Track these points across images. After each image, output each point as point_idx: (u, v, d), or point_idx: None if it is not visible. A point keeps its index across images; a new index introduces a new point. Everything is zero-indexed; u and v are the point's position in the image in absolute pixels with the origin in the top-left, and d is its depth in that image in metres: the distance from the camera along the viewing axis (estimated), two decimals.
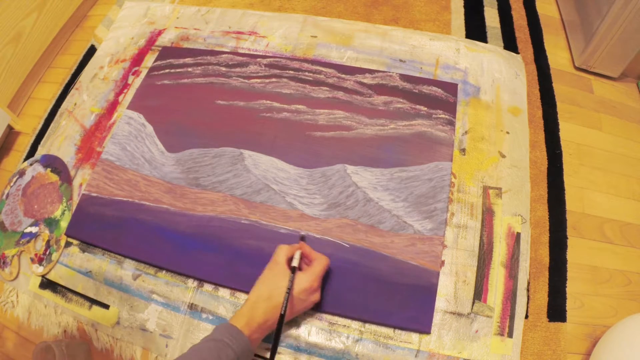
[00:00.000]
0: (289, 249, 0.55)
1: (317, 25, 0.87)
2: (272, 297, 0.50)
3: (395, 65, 0.80)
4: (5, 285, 0.69)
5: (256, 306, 0.50)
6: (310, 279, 0.52)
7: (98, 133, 0.79)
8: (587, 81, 0.84)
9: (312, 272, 0.53)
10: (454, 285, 0.60)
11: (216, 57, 0.83)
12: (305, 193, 0.67)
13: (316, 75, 0.78)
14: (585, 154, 0.75)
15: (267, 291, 0.51)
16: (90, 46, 0.95)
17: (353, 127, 0.72)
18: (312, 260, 0.55)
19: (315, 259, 0.55)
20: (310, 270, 0.53)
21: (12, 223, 0.72)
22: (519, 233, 0.63)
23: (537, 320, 0.60)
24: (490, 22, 0.89)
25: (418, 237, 0.62)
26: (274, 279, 0.52)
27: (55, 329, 0.65)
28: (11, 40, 0.86)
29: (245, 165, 0.71)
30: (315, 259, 0.55)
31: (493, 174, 0.68)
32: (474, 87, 0.76)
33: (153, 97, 0.80)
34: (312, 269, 0.54)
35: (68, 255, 0.68)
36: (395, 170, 0.68)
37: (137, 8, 0.96)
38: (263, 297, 0.51)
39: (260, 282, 0.53)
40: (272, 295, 0.50)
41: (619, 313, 0.62)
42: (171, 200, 0.69)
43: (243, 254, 0.63)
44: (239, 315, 0.50)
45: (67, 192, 0.73)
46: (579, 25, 0.85)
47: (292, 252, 0.55)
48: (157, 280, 0.64)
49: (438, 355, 0.56)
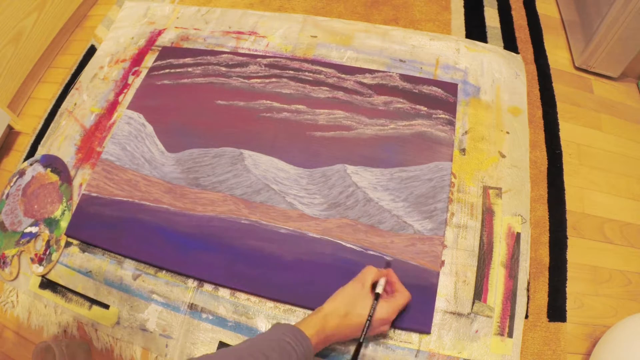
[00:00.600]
0: (376, 274, 0.54)
1: (317, 25, 0.87)
2: (348, 315, 0.50)
3: (395, 65, 0.80)
4: (5, 285, 0.69)
5: (329, 319, 0.49)
6: (389, 311, 0.51)
7: (98, 133, 0.79)
8: (587, 81, 0.84)
9: (394, 305, 0.52)
10: (454, 285, 0.60)
11: (216, 57, 0.83)
12: (305, 193, 0.67)
13: (316, 75, 0.78)
14: (585, 154, 0.75)
15: (345, 308, 0.50)
16: (90, 46, 0.95)
17: (353, 127, 0.72)
18: (395, 291, 0.54)
19: (399, 292, 0.54)
20: (393, 303, 0.52)
21: (12, 223, 0.72)
22: (519, 233, 0.63)
23: (537, 320, 0.60)
24: (490, 22, 0.89)
25: (418, 237, 0.62)
26: (355, 299, 0.51)
27: (55, 329, 0.65)
28: (11, 40, 0.86)
29: (245, 165, 0.71)
30: (399, 292, 0.54)
31: (493, 174, 0.68)
32: (474, 87, 0.76)
33: (153, 97, 0.80)
34: (394, 302, 0.52)
35: (68, 255, 0.68)
36: (395, 170, 0.68)
37: (137, 8, 0.96)
38: (339, 312, 0.50)
39: (340, 296, 0.52)
40: (349, 314, 0.50)
41: (619, 313, 0.62)
42: (171, 200, 0.69)
43: (243, 254, 0.63)
44: (309, 322, 0.49)
45: (67, 192, 0.73)
46: (579, 25, 0.85)
47: (378, 277, 0.54)
48: (157, 280, 0.64)
49: (438, 355, 0.56)
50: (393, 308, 0.52)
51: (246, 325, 0.60)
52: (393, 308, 0.52)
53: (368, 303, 0.51)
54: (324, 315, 0.50)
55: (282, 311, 0.60)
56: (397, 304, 0.52)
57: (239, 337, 0.59)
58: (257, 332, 0.59)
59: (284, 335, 0.46)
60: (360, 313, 0.50)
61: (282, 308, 0.61)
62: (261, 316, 0.60)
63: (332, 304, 0.51)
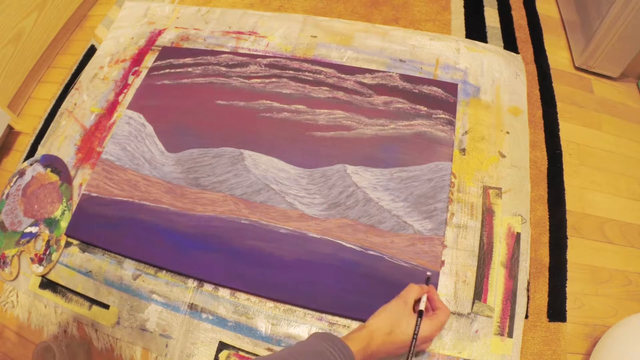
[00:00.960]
0: (419, 291, 0.54)
1: (317, 25, 0.87)
2: (392, 333, 0.50)
3: (395, 65, 0.80)
4: (5, 285, 0.69)
5: (375, 335, 0.49)
6: (431, 329, 0.51)
7: (98, 133, 0.79)
8: (587, 81, 0.84)
9: (436, 323, 0.52)
10: (454, 285, 0.60)
11: (216, 57, 0.83)
12: (305, 193, 0.67)
13: (316, 75, 0.78)
14: (585, 154, 0.75)
15: (389, 326, 0.50)
16: (90, 46, 0.95)
17: (353, 127, 0.72)
18: (436, 308, 0.54)
19: (440, 309, 0.53)
20: (435, 320, 0.52)
21: (12, 223, 0.72)
22: (519, 233, 0.63)
23: (537, 320, 0.60)
24: (490, 22, 0.89)
25: (418, 237, 0.62)
26: (399, 316, 0.51)
27: (55, 329, 0.65)
28: (11, 40, 0.86)
29: (245, 165, 0.71)
30: (440, 309, 0.53)
31: (493, 174, 0.68)
32: (474, 87, 0.76)
33: (153, 97, 0.80)
34: (436, 319, 0.52)
35: (68, 255, 0.68)
36: (395, 170, 0.68)
37: (137, 8, 0.96)
38: (384, 330, 0.50)
39: (385, 314, 0.52)
40: (393, 332, 0.50)
41: (619, 313, 0.62)
42: (171, 200, 0.69)
43: (243, 254, 0.63)
44: (356, 339, 0.48)
45: (67, 192, 0.73)
46: (579, 25, 0.85)
47: (421, 294, 0.54)
48: (157, 280, 0.64)
49: (438, 355, 0.56)
50: (435, 326, 0.52)
51: (246, 325, 0.60)
52: (435, 326, 0.52)
53: (412, 321, 0.50)
54: (369, 332, 0.50)
55: (282, 311, 0.60)
56: (439, 321, 0.52)
57: (239, 337, 0.59)
58: (257, 332, 0.59)
59: (330, 347, 0.45)
60: (405, 331, 0.50)
61: (282, 308, 0.61)
62: (261, 316, 0.60)
63: (376, 321, 0.51)
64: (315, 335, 0.48)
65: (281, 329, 0.59)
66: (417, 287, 0.54)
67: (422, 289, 0.54)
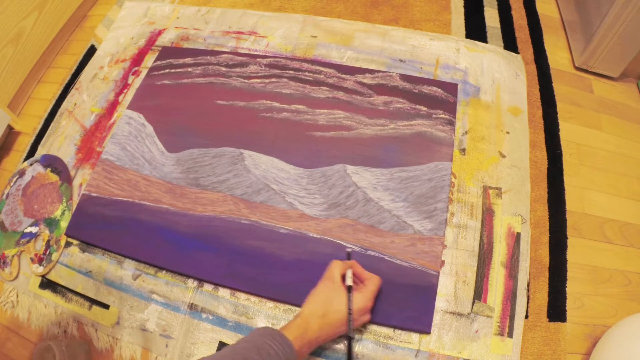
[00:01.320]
0: (342, 266, 0.54)
1: (317, 25, 0.87)
2: (327, 314, 0.50)
3: (395, 65, 0.80)
4: (5, 285, 0.69)
5: (310, 321, 0.49)
6: (365, 300, 0.52)
7: (98, 133, 0.79)
8: (587, 81, 0.84)
9: (367, 293, 0.53)
10: (454, 285, 0.60)
11: (216, 57, 0.83)
12: (305, 193, 0.67)
13: (316, 75, 0.78)
14: (585, 154, 0.75)
15: (322, 308, 0.50)
16: (90, 46, 0.95)
17: (353, 127, 0.72)
18: (364, 279, 0.54)
19: (368, 279, 0.54)
20: (365, 291, 0.53)
21: (12, 223, 0.72)
22: (519, 233, 0.63)
23: (537, 320, 0.60)
24: (490, 22, 0.89)
25: (418, 237, 0.62)
26: (329, 297, 0.51)
27: (55, 329, 0.65)
28: (11, 40, 0.86)
29: (245, 165, 0.71)
30: (368, 279, 0.54)
31: (493, 174, 0.68)
32: (474, 87, 0.76)
33: (153, 97, 0.80)
34: (367, 289, 0.53)
35: (68, 255, 0.68)
36: (395, 170, 0.68)
37: (137, 8, 0.96)
38: (318, 313, 0.50)
39: (315, 297, 0.52)
40: (327, 313, 0.50)
41: (619, 313, 0.62)
42: (171, 200, 0.69)
43: (243, 254, 0.63)
44: (291, 327, 0.49)
45: (67, 192, 0.73)
46: (579, 25, 0.85)
47: (345, 270, 0.54)
48: (157, 280, 0.64)
49: (438, 355, 0.56)
50: (368, 296, 0.53)
51: (246, 325, 0.60)
52: (368, 296, 0.53)
53: (343, 297, 0.51)
54: (304, 319, 0.50)
55: (282, 311, 0.60)
56: (370, 291, 0.53)
57: (239, 337, 0.59)
58: None
59: (268, 340, 0.45)
60: (338, 309, 0.50)
61: (282, 308, 0.61)
62: (261, 316, 0.60)
63: (308, 306, 0.51)
64: (256, 330, 0.48)
65: None
66: (340, 262, 0.55)
67: (345, 264, 0.55)
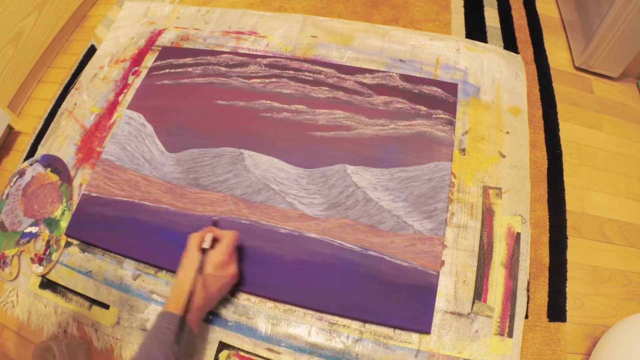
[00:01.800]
0: (199, 235, 0.57)
1: (317, 25, 0.87)
2: (183, 282, 0.52)
3: (395, 65, 0.80)
4: (5, 285, 0.69)
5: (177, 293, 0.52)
6: (220, 254, 0.55)
7: (98, 133, 0.79)
8: (587, 81, 0.84)
9: (221, 247, 0.56)
10: (454, 285, 0.60)
11: (216, 57, 0.83)
12: (305, 193, 0.67)
13: (316, 75, 0.78)
14: (585, 154, 0.75)
15: (180, 278, 0.54)
16: (90, 46, 0.95)
17: (353, 127, 0.72)
18: (220, 237, 0.57)
19: (223, 235, 0.57)
20: (219, 246, 0.56)
21: (12, 223, 0.72)
22: (519, 233, 0.63)
23: (537, 320, 0.60)
24: (490, 22, 0.89)
25: (418, 237, 0.62)
26: (185, 265, 0.54)
27: (55, 329, 0.65)
28: (11, 40, 0.86)
29: (245, 165, 0.71)
30: (223, 235, 0.57)
31: (493, 174, 0.68)
32: (474, 87, 0.76)
33: (153, 97, 0.80)
34: (220, 245, 0.56)
35: (68, 255, 0.68)
36: (395, 170, 0.68)
37: (137, 8, 0.96)
38: (177, 284, 0.53)
39: (177, 272, 0.55)
40: (184, 281, 0.52)
41: (619, 313, 0.62)
42: (171, 200, 0.69)
43: (243, 254, 0.63)
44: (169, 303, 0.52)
45: (67, 192, 0.73)
46: (579, 25, 0.85)
47: (202, 237, 0.57)
48: (157, 280, 0.64)
49: (438, 355, 0.56)
50: (221, 250, 0.55)
51: (246, 325, 0.60)
52: (221, 250, 0.55)
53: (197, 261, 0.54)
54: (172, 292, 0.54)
55: (282, 311, 0.60)
56: (223, 245, 0.56)
57: (239, 337, 0.59)
58: (257, 332, 0.59)
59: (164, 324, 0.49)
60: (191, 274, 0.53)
61: (282, 308, 0.61)
62: (261, 316, 0.60)
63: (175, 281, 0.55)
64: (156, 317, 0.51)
65: (281, 329, 0.59)
66: (196, 233, 0.57)
67: (203, 231, 0.58)
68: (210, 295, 0.54)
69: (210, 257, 0.55)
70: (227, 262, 0.56)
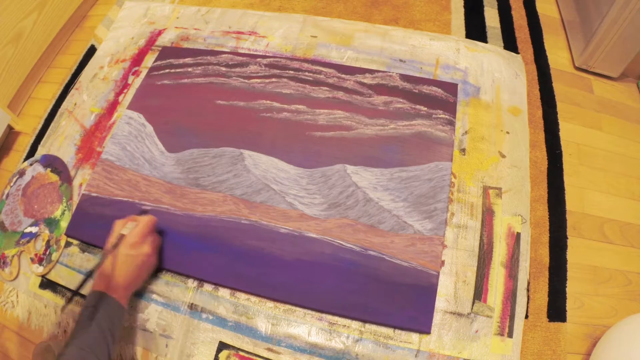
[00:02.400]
0: (122, 222, 0.60)
1: (317, 25, 0.87)
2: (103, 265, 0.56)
3: (395, 65, 0.80)
4: (5, 285, 0.69)
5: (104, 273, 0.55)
6: (133, 235, 0.58)
7: (98, 133, 0.79)
8: (587, 81, 0.84)
9: (135, 229, 0.58)
10: (454, 285, 0.60)
11: (216, 57, 0.83)
12: (305, 193, 0.67)
13: (316, 75, 0.78)
14: (585, 154, 0.75)
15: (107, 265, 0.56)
16: (90, 46, 0.95)
17: (353, 127, 0.72)
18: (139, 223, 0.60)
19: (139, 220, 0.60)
20: (134, 228, 0.59)
21: (12, 223, 0.72)
22: (519, 233, 0.63)
23: (537, 320, 0.60)
24: (490, 22, 0.89)
25: (418, 237, 0.62)
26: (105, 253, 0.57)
27: (55, 329, 0.65)
28: (11, 40, 0.86)
29: (245, 165, 0.71)
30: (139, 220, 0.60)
31: (493, 174, 0.68)
32: (474, 87, 0.76)
33: (153, 97, 0.80)
34: (134, 228, 0.59)
35: (68, 255, 0.68)
36: (395, 170, 0.68)
37: (137, 8, 0.96)
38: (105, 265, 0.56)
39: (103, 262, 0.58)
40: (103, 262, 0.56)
41: (619, 313, 0.62)
42: (171, 200, 0.69)
43: (243, 254, 0.63)
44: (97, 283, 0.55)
45: (67, 192, 0.73)
46: (579, 25, 0.85)
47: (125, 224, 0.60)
48: (157, 280, 0.64)
49: (438, 355, 0.56)
50: (135, 232, 0.58)
51: (246, 325, 0.60)
52: (135, 232, 0.58)
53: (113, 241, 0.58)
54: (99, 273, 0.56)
55: (282, 311, 0.60)
56: (138, 227, 0.59)
57: (239, 337, 0.59)
58: (257, 332, 0.59)
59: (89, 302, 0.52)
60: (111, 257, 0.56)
61: (282, 308, 0.61)
62: (261, 316, 0.60)
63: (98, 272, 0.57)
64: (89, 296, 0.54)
65: (281, 329, 0.59)
66: (119, 220, 0.61)
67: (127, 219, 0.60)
68: (129, 273, 0.56)
69: (125, 239, 0.58)
70: (140, 242, 0.58)
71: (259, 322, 0.60)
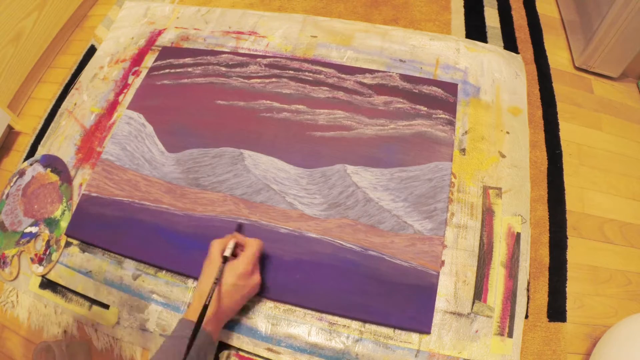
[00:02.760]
0: (221, 242, 0.55)
1: (317, 25, 0.87)
2: (204, 291, 0.51)
3: (395, 65, 0.80)
4: (5, 285, 0.69)
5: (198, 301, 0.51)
6: (243, 263, 0.53)
7: (98, 133, 0.79)
8: (587, 81, 0.84)
9: (245, 256, 0.54)
10: (454, 285, 0.60)
11: (216, 57, 0.83)
12: (305, 193, 0.67)
13: (316, 75, 0.78)
14: (585, 154, 0.75)
15: (201, 287, 0.52)
16: (90, 46, 0.95)
17: (353, 127, 0.72)
18: (245, 245, 0.56)
19: (247, 244, 0.56)
20: (243, 255, 0.54)
21: (12, 223, 0.72)
22: (519, 233, 0.63)
23: (537, 320, 0.60)
24: (490, 22, 0.89)
25: (418, 237, 0.62)
26: (206, 273, 0.53)
27: (55, 329, 0.65)
28: (11, 40, 0.86)
29: (245, 165, 0.71)
30: (247, 244, 0.56)
31: (493, 174, 0.68)
32: (474, 87, 0.76)
33: (153, 97, 0.80)
34: (244, 254, 0.54)
35: (68, 255, 0.68)
36: (395, 170, 0.68)
37: (137, 8, 0.96)
38: (199, 293, 0.52)
39: (199, 280, 0.54)
40: (204, 290, 0.51)
41: (619, 313, 0.62)
42: (171, 200, 0.69)
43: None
44: (190, 311, 0.51)
45: (67, 192, 0.73)
46: (579, 25, 0.85)
47: (225, 244, 0.55)
48: (157, 280, 0.64)
49: (438, 355, 0.56)
50: (246, 259, 0.53)
51: (246, 325, 0.60)
52: (246, 259, 0.53)
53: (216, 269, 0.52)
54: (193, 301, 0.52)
55: (282, 311, 0.60)
56: (248, 253, 0.54)
57: (239, 337, 0.59)
58: (257, 332, 0.59)
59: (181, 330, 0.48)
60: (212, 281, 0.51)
61: (282, 308, 0.61)
62: (261, 316, 0.60)
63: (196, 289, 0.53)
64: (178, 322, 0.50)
65: (281, 329, 0.59)
66: (218, 240, 0.56)
67: (226, 239, 0.56)
68: (231, 304, 0.53)
69: (232, 265, 0.52)
70: (251, 271, 0.54)
71: (259, 322, 0.60)
